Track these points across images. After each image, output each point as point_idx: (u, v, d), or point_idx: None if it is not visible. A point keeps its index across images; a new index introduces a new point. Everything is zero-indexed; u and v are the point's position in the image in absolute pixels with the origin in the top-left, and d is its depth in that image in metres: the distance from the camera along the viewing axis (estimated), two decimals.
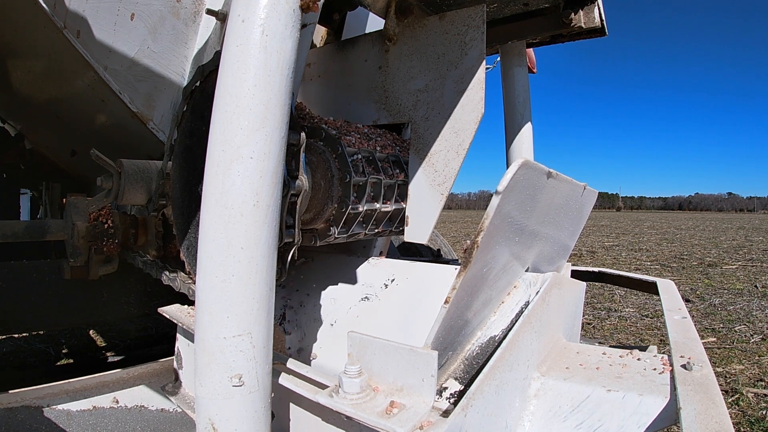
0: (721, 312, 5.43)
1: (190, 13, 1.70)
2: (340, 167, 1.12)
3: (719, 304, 5.84)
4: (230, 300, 0.75)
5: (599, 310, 5.49)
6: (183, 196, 1.23)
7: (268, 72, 0.74)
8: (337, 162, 1.13)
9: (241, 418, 0.77)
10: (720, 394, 0.86)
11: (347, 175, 1.11)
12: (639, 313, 5.32)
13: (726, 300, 6.06)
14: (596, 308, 5.56)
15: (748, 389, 3.24)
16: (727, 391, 3.23)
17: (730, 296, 6.31)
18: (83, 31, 1.48)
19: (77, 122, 2.16)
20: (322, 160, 1.13)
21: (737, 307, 5.67)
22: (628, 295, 6.07)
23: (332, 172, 1.12)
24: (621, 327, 4.78)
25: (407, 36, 1.38)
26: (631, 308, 5.54)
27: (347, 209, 1.11)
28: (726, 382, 3.39)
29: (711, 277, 7.96)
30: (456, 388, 0.94)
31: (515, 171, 0.89)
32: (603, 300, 5.96)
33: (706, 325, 4.90)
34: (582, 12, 1.63)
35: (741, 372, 3.57)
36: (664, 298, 1.61)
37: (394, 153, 1.32)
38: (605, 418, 0.97)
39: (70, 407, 1.56)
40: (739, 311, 5.46)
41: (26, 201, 3.41)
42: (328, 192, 1.12)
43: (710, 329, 4.73)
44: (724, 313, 5.36)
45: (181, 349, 1.45)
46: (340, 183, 1.12)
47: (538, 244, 1.23)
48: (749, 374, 3.54)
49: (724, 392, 3.22)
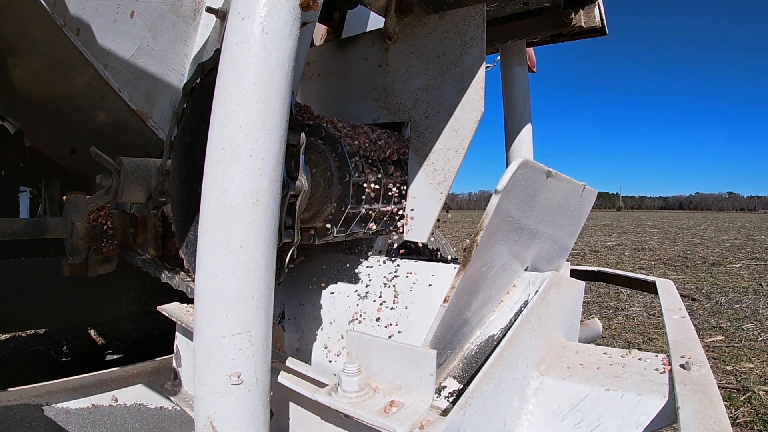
0: (727, 310, 5.43)
1: (190, 11, 1.70)
2: (339, 167, 1.12)
3: (725, 302, 5.85)
4: (229, 298, 0.75)
5: (606, 309, 5.48)
6: (182, 194, 1.23)
7: (267, 70, 0.74)
8: (337, 161, 1.13)
9: (240, 416, 0.77)
10: (718, 394, 0.86)
11: (347, 174, 1.11)
12: (646, 312, 5.32)
13: (732, 298, 6.07)
14: (603, 307, 5.55)
15: (759, 387, 3.24)
16: (738, 389, 3.23)
17: (736, 295, 6.31)
18: (83, 29, 1.47)
19: (77, 120, 2.16)
20: (322, 159, 1.13)
21: (743, 305, 5.67)
22: (635, 294, 6.06)
23: (332, 171, 1.12)
24: (628, 326, 4.78)
25: (407, 34, 1.38)
26: (638, 307, 5.54)
27: (346, 209, 1.11)
28: (737, 380, 3.39)
29: (715, 275, 7.97)
30: (455, 387, 0.94)
31: (515, 170, 0.89)
32: (609, 299, 5.95)
33: (714, 323, 4.90)
34: (582, 11, 1.63)
35: (751, 370, 3.58)
36: (663, 297, 1.61)
37: (394, 153, 1.32)
38: (603, 417, 0.97)
39: (69, 405, 1.56)
40: (745, 309, 5.47)
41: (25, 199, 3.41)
42: (328, 191, 1.12)
43: (717, 328, 4.73)
44: (730, 312, 5.36)
45: (180, 347, 1.45)
46: (339, 182, 1.12)
47: (537, 243, 1.24)
48: (759, 372, 3.55)
49: (735, 390, 3.22)
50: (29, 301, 2.04)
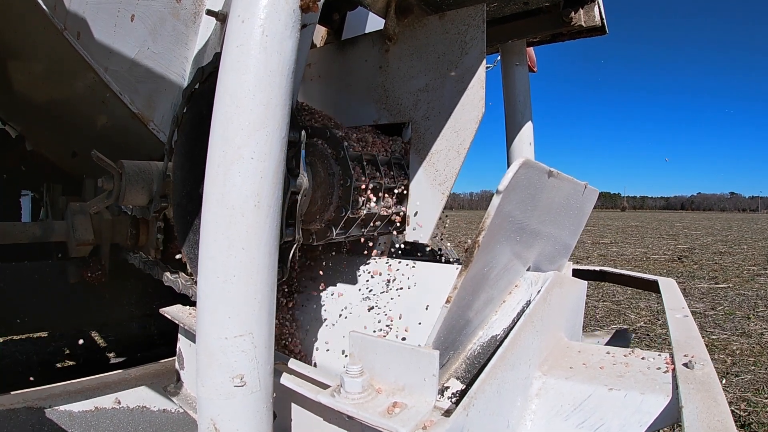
0: None
1: (190, 14, 1.70)
2: (342, 170, 1.12)
3: None
4: (232, 300, 0.75)
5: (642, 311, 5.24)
6: (184, 197, 1.23)
7: (268, 72, 0.74)
8: (339, 165, 1.13)
9: (243, 418, 0.77)
10: (722, 393, 0.86)
11: (348, 179, 1.11)
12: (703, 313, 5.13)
13: None
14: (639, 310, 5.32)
15: None
16: None
17: None
18: (83, 33, 1.48)
19: (78, 123, 2.16)
20: (324, 162, 1.13)
21: None
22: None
23: (333, 174, 1.12)
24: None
25: (407, 35, 1.38)
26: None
27: (346, 213, 1.11)
28: None
29: None
30: (458, 388, 0.94)
31: (516, 170, 0.88)
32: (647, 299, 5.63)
33: None
34: (582, 11, 1.63)
35: None
36: (666, 296, 1.61)
37: (396, 156, 1.32)
38: (607, 416, 0.96)
39: (72, 408, 1.56)
40: None
41: (27, 202, 3.41)
42: (329, 195, 1.12)
43: None
44: None
45: (183, 349, 1.45)
46: (341, 186, 1.12)
47: (539, 243, 1.23)
48: None
49: None
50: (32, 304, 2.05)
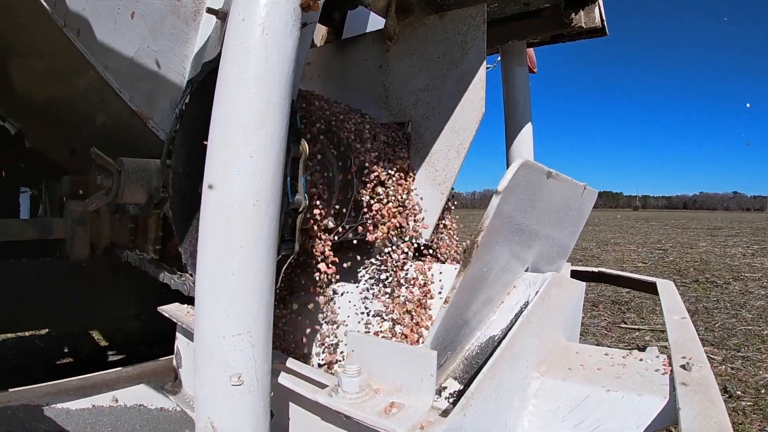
0: None
1: (190, 12, 1.70)
2: (343, 182, 1.12)
3: None
4: (230, 299, 0.75)
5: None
6: (183, 195, 1.23)
7: (268, 71, 0.74)
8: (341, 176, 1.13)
9: (241, 417, 0.77)
10: (719, 395, 0.86)
11: (350, 191, 1.11)
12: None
13: None
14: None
15: None
16: None
17: None
18: (83, 30, 1.47)
19: (77, 121, 2.16)
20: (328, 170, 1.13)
21: None
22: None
23: (334, 173, 1.12)
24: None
25: (408, 35, 1.38)
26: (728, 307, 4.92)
27: (344, 220, 1.11)
28: None
29: None
30: (455, 388, 0.94)
31: (515, 171, 0.88)
32: None
33: None
34: (582, 12, 1.63)
35: None
36: (664, 298, 1.61)
37: (402, 164, 1.32)
38: (604, 417, 0.96)
39: (70, 406, 1.55)
40: None
41: (26, 199, 3.41)
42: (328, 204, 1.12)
43: None
44: None
45: (181, 348, 1.45)
46: (342, 197, 1.12)
47: (537, 243, 1.23)
48: None
49: None
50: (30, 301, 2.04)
